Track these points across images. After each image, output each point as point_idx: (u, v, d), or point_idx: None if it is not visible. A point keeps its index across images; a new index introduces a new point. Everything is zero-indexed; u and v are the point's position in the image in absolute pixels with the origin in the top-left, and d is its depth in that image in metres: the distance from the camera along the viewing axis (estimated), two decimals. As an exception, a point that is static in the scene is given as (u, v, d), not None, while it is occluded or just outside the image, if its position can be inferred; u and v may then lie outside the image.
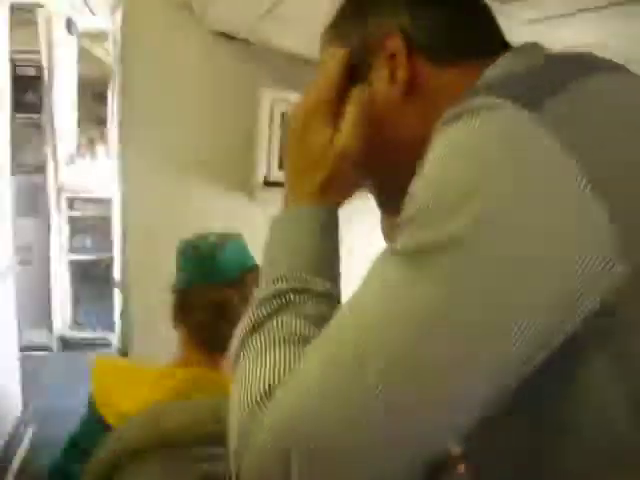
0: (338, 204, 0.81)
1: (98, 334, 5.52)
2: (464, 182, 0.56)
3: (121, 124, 2.18)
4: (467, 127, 0.59)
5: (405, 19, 0.79)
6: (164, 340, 2.09)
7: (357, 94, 0.81)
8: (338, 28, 0.88)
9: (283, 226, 0.80)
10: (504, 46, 0.81)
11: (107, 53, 6.80)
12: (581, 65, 0.66)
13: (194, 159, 2.20)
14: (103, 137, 6.65)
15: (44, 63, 4.89)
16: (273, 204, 2.15)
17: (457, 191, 0.56)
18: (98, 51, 6.75)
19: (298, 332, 0.67)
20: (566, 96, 0.59)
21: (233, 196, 2.24)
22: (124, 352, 2.23)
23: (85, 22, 5.14)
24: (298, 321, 0.68)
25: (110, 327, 5.51)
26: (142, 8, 2.11)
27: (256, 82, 2.17)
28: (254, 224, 2.19)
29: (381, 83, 0.80)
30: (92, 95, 7.21)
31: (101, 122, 7.20)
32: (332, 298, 0.73)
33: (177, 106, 2.17)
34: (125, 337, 2.23)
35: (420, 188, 0.60)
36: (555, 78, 0.63)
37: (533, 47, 0.77)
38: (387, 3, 0.82)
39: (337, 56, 0.83)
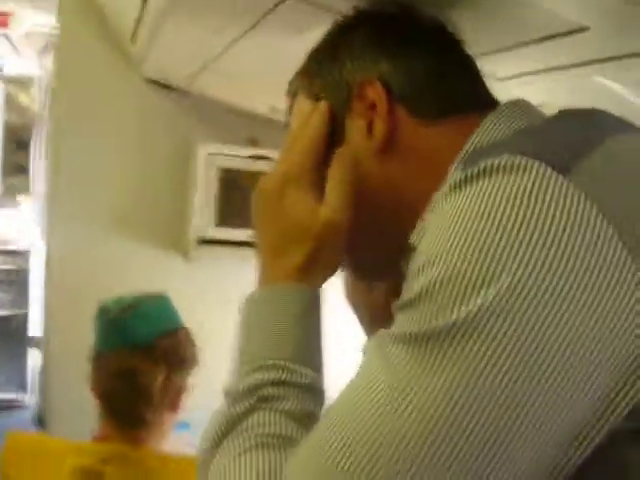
0: (322, 281, 0.72)
1: (10, 395, 5.21)
2: (491, 250, 0.49)
3: (48, 173, 2.05)
4: (486, 189, 0.51)
5: (385, 67, 0.72)
6: (84, 404, 1.96)
7: (342, 155, 0.73)
8: (309, 75, 0.80)
9: (259, 307, 0.70)
10: (491, 100, 0.75)
11: (32, 100, 6.64)
12: (596, 125, 0.61)
13: (124, 213, 2.08)
14: (24, 187, 6.42)
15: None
16: (208, 263, 2.07)
17: (482, 262, 0.49)
18: (23, 97, 6.58)
19: (279, 433, 0.58)
20: (592, 158, 0.53)
21: (166, 254, 2.11)
22: (41, 415, 2.06)
23: (12, 67, 4.97)
24: (279, 420, 0.59)
25: (23, 387, 5.21)
26: (75, 51, 2.02)
27: (192, 134, 2.07)
28: (188, 283, 2.10)
29: (357, 136, 0.73)
30: (14, 143, 7.00)
31: (22, 171, 6.98)
32: (318, 391, 0.64)
33: (108, 156, 2.06)
34: (43, 400, 2.06)
35: (432, 261, 0.52)
36: (576, 139, 0.57)
37: (526, 104, 0.71)
38: (366, 48, 0.75)
39: (318, 111, 0.74)
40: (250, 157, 2.03)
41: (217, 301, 2.12)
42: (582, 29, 0.76)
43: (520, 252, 0.48)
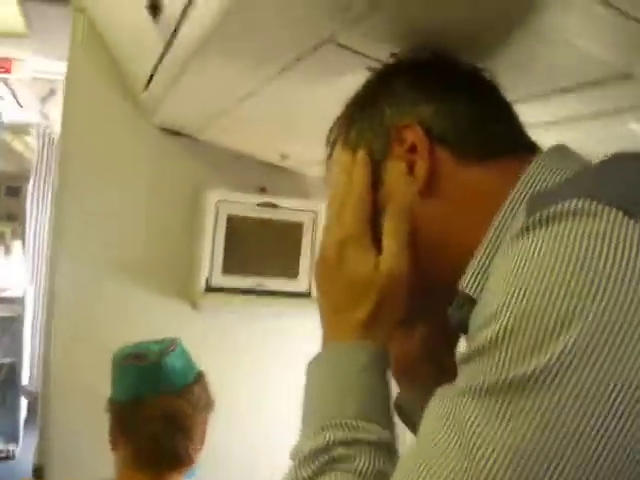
0: (384, 336, 0.72)
1: (1, 446, 5.10)
2: (568, 294, 0.48)
3: (53, 218, 2.02)
4: (558, 233, 0.51)
5: (425, 110, 0.73)
6: (85, 453, 1.91)
7: (395, 205, 0.73)
8: (347, 124, 0.80)
9: (322, 367, 0.71)
10: (531, 144, 0.75)
11: (27, 147, 6.64)
12: None
13: (132, 260, 2.05)
14: (15, 234, 6.38)
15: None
16: (215, 310, 2.05)
17: (560, 306, 0.48)
18: (18, 145, 6.59)
19: None
20: None
21: (173, 301, 2.08)
22: (39, 469, 2.00)
23: (11, 114, 4.97)
24: None
25: (15, 439, 5.10)
26: (83, 96, 2.01)
27: (201, 181, 2.06)
28: (196, 331, 2.07)
29: (398, 180, 0.73)
30: (6, 190, 6.98)
31: (13, 218, 6.95)
32: (387, 447, 0.62)
33: (116, 202, 2.04)
34: (42, 452, 2.00)
35: (503, 307, 0.50)
36: (637, 182, 0.55)
37: (570, 149, 0.71)
38: (404, 94, 0.76)
39: (359, 165, 0.75)
40: (259, 205, 2.02)
41: (225, 348, 2.10)
42: (626, 76, 0.76)
43: (598, 296, 0.47)
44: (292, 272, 2.09)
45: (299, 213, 2.07)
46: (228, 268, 2.01)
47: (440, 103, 0.74)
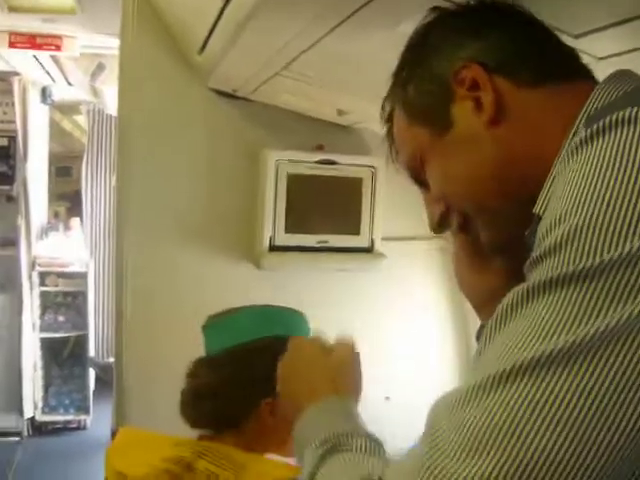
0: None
1: (71, 417, 5.26)
2: (632, 200, 0.50)
3: (117, 185, 2.06)
4: (615, 141, 0.53)
5: (474, 47, 0.76)
6: (163, 419, 1.96)
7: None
8: (401, 84, 0.83)
9: (310, 419, 0.84)
10: (587, 70, 0.78)
11: (77, 126, 6.75)
12: None
13: (194, 223, 2.09)
14: (70, 212, 6.52)
15: (18, 134, 4.77)
16: (278, 270, 2.07)
17: (626, 211, 0.50)
18: (67, 124, 6.69)
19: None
20: None
21: (237, 262, 2.11)
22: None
23: (61, 93, 5.05)
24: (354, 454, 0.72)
25: (85, 409, 5.26)
26: (137, 66, 2.03)
27: (258, 142, 2.07)
28: (260, 290, 2.10)
29: (467, 117, 0.75)
30: (56, 170, 7.12)
31: (66, 197, 7.09)
32: (380, 444, 0.75)
33: (175, 167, 2.07)
34: (119, 416, 2.06)
35: (568, 213, 0.53)
36: None
37: (633, 72, 0.72)
38: (446, 40, 0.79)
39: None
40: (318, 162, 2.02)
41: (290, 306, 2.12)
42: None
43: None
44: (353, 228, 2.09)
45: (358, 169, 2.07)
46: (290, 227, 2.03)
47: (486, 38, 0.76)
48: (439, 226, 0.85)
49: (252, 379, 1.40)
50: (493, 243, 0.80)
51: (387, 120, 0.89)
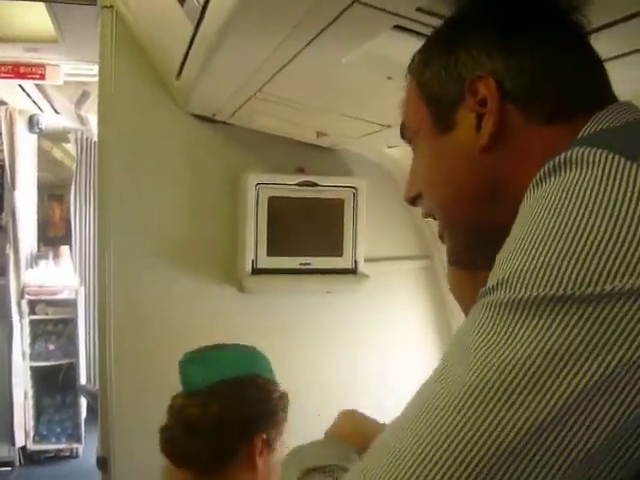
0: None
1: (63, 445, 5.21)
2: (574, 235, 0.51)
3: (98, 211, 2.05)
4: (564, 181, 0.55)
5: (500, 63, 0.72)
6: (149, 447, 1.94)
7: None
8: (424, 61, 0.80)
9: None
10: (607, 98, 0.73)
11: (67, 155, 6.75)
12: None
13: (176, 246, 2.08)
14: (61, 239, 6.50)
15: (6, 163, 4.77)
16: (261, 292, 2.06)
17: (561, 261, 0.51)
18: (58, 153, 6.70)
19: None
20: None
21: (219, 285, 2.10)
22: (102, 460, 2.04)
23: (48, 121, 5.06)
24: None
25: (77, 438, 5.22)
26: (117, 92, 2.02)
27: (239, 165, 2.08)
28: (243, 314, 2.09)
29: (466, 129, 0.73)
30: (48, 197, 7.10)
31: (58, 225, 7.07)
32: None
33: (156, 193, 2.07)
34: (104, 445, 2.04)
35: (517, 250, 0.54)
36: None
37: (628, 104, 0.70)
38: (481, 41, 0.74)
39: None
40: (299, 184, 2.02)
41: (273, 329, 2.11)
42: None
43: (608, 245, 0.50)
44: (336, 250, 2.09)
45: (339, 190, 2.07)
46: (272, 249, 2.03)
47: (514, 57, 0.72)
48: (410, 203, 0.87)
49: (245, 414, 1.39)
50: (451, 254, 0.83)
51: (408, 75, 0.85)
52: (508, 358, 0.49)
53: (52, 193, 7.13)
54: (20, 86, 3.93)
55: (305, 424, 1.50)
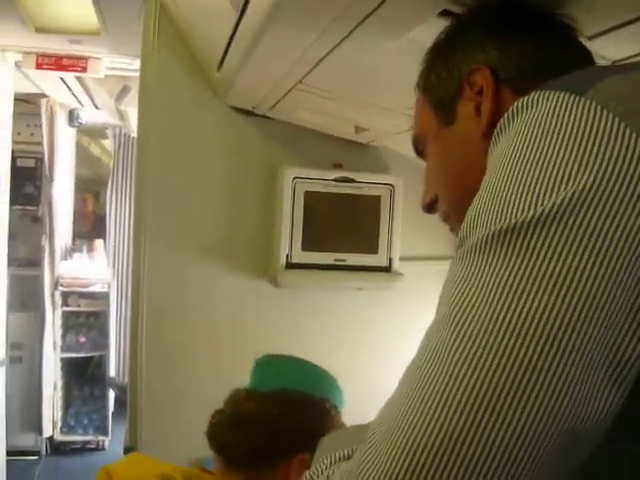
0: None
1: (90, 437, 5.26)
2: (542, 168, 0.52)
3: (136, 204, 2.06)
4: (515, 126, 0.57)
5: (493, 53, 0.78)
6: (176, 440, 1.94)
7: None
8: (426, 70, 0.88)
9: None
10: None
11: (104, 151, 6.83)
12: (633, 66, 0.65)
13: (212, 240, 2.09)
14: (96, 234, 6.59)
15: (45, 155, 4.83)
16: (295, 287, 2.06)
17: (534, 178, 0.52)
18: (95, 149, 6.78)
19: None
20: (609, 80, 0.57)
21: (253, 279, 2.10)
22: (131, 450, 2.04)
23: (88, 116, 5.11)
24: None
25: (103, 430, 5.25)
26: (158, 84, 2.04)
27: (276, 159, 2.08)
28: (277, 308, 2.09)
29: (467, 119, 0.79)
30: (85, 191, 7.20)
31: (93, 219, 7.16)
32: None
33: (193, 186, 2.07)
34: (133, 435, 2.05)
35: (490, 187, 0.56)
36: (602, 71, 0.63)
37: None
38: (475, 38, 0.81)
39: None
40: (335, 180, 2.02)
41: (307, 324, 2.11)
42: None
43: (558, 171, 0.51)
44: (371, 247, 2.08)
45: (376, 187, 2.06)
46: (308, 244, 2.02)
47: (507, 47, 0.78)
48: (427, 210, 0.90)
49: (297, 428, 1.39)
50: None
51: (416, 90, 0.92)
52: (472, 302, 0.50)
53: (88, 189, 7.23)
54: (61, 79, 3.98)
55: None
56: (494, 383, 0.46)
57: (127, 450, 2.08)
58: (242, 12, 1.26)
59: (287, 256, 2.01)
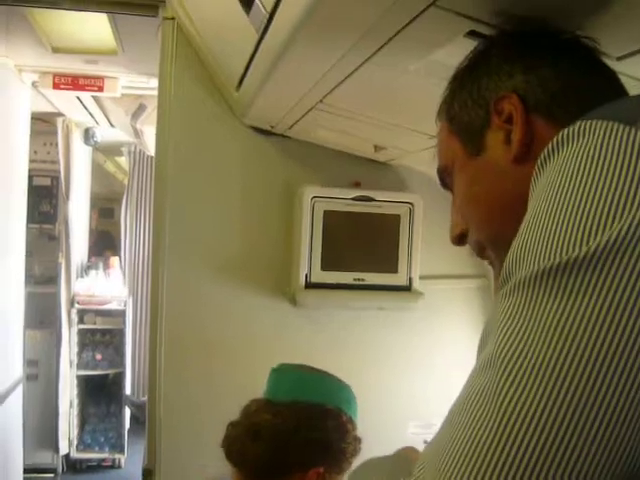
0: None
1: (106, 455, 5.25)
2: (591, 203, 0.50)
3: (155, 222, 2.05)
4: (562, 156, 0.55)
5: (520, 79, 0.76)
6: (195, 458, 1.93)
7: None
8: (449, 99, 0.86)
9: None
10: None
11: (119, 168, 6.86)
12: None
13: (231, 259, 2.07)
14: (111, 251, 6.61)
15: (61, 174, 4.86)
16: (314, 307, 2.04)
17: (583, 213, 0.50)
18: (111, 166, 6.81)
19: None
20: None
21: (272, 298, 2.09)
22: (148, 472, 2.03)
23: (103, 134, 5.14)
24: None
25: (120, 448, 5.24)
26: (175, 103, 2.04)
27: (294, 178, 2.07)
28: (296, 328, 2.07)
29: (496, 148, 0.77)
30: (101, 210, 7.25)
31: (108, 237, 7.21)
32: None
33: (211, 205, 2.07)
34: (152, 456, 2.03)
35: (537, 221, 0.54)
36: None
37: None
38: (501, 64, 0.79)
39: None
40: (354, 199, 2.00)
41: (326, 344, 2.09)
42: None
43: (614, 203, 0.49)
44: (391, 266, 2.06)
45: (395, 206, 2.04)
46: (327, 264, 2.00)
47: (534, 73, 0.75)
48: (456, 243, 0.88)
49: (312, 440, 1.38)
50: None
51: (438, 119, 0.90)
52: (523, 342, 0.49)
53: (104, 207, 7.27)
54: (78, 98, 4.00)
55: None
56: (545, 423, 0.45)
57: (145, 472, 2.07)
58: (263, 33, 1.25)
59: (306, 276, 1.99)
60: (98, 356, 5.24)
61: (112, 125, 4.94)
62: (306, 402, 1.42)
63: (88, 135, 5.06)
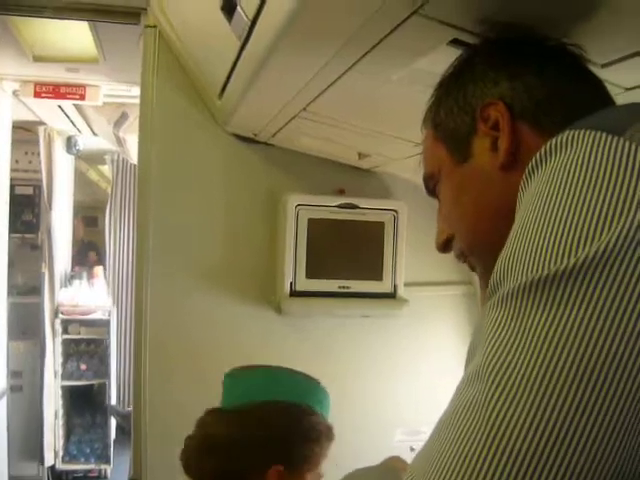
0: None
1: (92, 465, 5.20)
2: (579, 214, 0.50)
3: (138, 232, 2.04)
4: (550, 167, 0.55)
5: (506, 86, 0.76)
6: (178, 469, 1.91)
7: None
8: (435, 105, 0.86)
9: None
10: None
11: (102, 177, 6.83)
12: None
13: (214, 268, 2.06)
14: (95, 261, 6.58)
15: (43, 182, 4.82)
16: (299, 315, 2.04)
17: (570, 224, 0.50)
18: (94, 175, 6.78)
19: None
20: None
21: (257, 307, 2.08)
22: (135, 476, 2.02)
23: (86, 143, 5.11)
24: None
25: (105, 458, 5.20)
26: (157, 111, 2.03)
27: (278, 186, 2.06)
28: (281, 336, 2.06)
29: (483, 155, 0.77)
30: (84, 219, 7.21)
31: (92, 246, 7.18)
32: None
33: (194, 213, 2.06)
34: (138, 465, 2.01)
35: (525, 232, 0.53)
36: (638, 108, 0.61)
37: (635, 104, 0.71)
38: (486, 71, 0.79)
39: None
40: (339, 206, 2.00)
41: (311, 352, 2.08)
42: None
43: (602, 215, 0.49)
44: (376, 273, 2.05)
45: (379, 213, 2.04)
46: (311, 272, 2.00)
47: (519, 80, 0.75)
48: (442, 250, 0.88)
49: (265, 441, 1.35)
50: (483, 277, 0.82)
51: (423, 127, 0.91)
52: (511, 353, 0.48)
53: (88, 215, 7.24)
54: (59, 106, 3.98)
55: (339, 450, 1.46)
56: (533, 435, 0.45)
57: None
58: (245, 40, 1.24)
59: (291, 284, 1.99)
60: (83, 366, 5.20)
61: (94, 133, 4.91)
62: (260, 402, 1.39)
63: (70, 143, 5.03)
